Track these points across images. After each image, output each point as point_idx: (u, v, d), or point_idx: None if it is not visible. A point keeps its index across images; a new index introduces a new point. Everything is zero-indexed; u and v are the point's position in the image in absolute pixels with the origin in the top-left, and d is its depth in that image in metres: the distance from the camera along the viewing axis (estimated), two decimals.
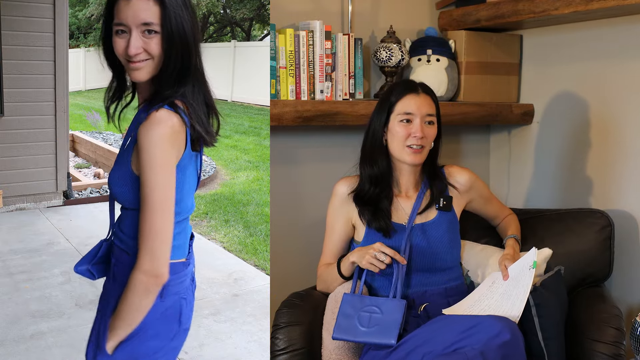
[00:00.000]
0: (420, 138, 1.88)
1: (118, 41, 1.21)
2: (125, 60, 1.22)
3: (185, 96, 1.24)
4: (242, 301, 3.26)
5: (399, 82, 2.01)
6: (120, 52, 1.21)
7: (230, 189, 6.25)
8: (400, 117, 1.90)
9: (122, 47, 1.20)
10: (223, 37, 18.44)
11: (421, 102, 1.90)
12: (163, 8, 1.18)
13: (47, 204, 5.11)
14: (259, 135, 9.52)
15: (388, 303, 1.85)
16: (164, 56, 1.21)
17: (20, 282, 3.43)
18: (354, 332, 1.80)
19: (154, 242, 1.16)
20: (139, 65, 1.21)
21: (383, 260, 1.83)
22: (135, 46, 1.18)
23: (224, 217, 5.12)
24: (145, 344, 1.26)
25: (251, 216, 5.19)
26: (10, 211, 4.90)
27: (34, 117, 4.89)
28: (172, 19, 1.19)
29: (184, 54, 1.22)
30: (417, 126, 1.88)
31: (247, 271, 3.78)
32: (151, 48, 1.20)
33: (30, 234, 4.37)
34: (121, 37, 1.20)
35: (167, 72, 1.22)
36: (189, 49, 1.23)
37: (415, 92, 1.91)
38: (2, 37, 4.64)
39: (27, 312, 3.05)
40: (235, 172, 7.05)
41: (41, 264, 3.75)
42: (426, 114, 1.90)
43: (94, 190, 5.67)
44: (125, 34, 1.20)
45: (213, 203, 5.60)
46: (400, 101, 1.90)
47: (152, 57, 1.21)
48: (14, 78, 4.77)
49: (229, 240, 4.52)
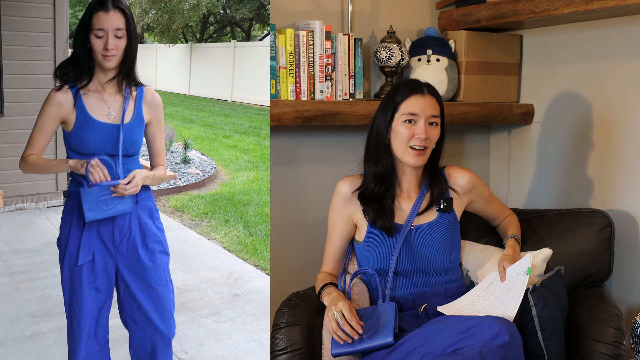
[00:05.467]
0: (423, 139, 1.88)
1: (97, 41, 1.73)
2: (101, 55, 1.74)
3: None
4: (242, 301, 3.26)
5: (404, 81, 2.00)
6: (99, 48, 1.73)
7: (230, 189, 6.25)
8: (405, 117, 1.89)
9: (101, 45, 1.73)
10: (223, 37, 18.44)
11: (426, 103, 1.89)
12: (126, 18, 1.76)
13: (47, 204, 5.11)
14: (259, 135, 9.52)
15: (378, 308, 1.86)
16: (125, 50, 1.77)
17: (20, 282, 3.44)
18: (351, 343, 1.80)
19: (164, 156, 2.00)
20: (111, 57, 1.75)
21: (338, 321, 1.78)
22: (112, 44, 1.73)
23: (224, 217, 5.12)
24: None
25: (251, 216, 5.20)
26: (10, 211, 4.91)
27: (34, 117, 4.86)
28: (131, 24, 1.77)
29: (136, 49, 1.81)
30: (422, 127, 1.87)
31: (247, 271, 3.78)
32: (119, 45, 1.75)
33: (30, 234, 4.38)
34: (100, 38, 1.73)
35: (129, 58, 1.80)
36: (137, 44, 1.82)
37: (421, 93, 1.90)
38: (2, 37, 4.64)
39: (27, 312, 3.05)
40: (235, 172, 7.05)
41: (41, 264, 3.75)
42: (431, 115, 1.89)
43: None
44: (102, 38, 1.72)
45: (213, 203, 5.60)
46: (405, 101, 1.90)
47: (119, 52, 1.76)
48: (14, 78, 4.77)
49: (229, 240, 4.52)
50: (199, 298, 3.28)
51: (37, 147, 1.84)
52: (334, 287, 1.97)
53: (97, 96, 1.81)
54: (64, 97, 1.79)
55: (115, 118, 1.81)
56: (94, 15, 1.71)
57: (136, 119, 1.85)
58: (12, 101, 4.77)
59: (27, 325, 2.90)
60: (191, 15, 14.58)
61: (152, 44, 17.90)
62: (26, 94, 4.84)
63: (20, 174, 2.08)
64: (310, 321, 1.96)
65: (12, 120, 4.79)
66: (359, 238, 2.01)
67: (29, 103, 4.87)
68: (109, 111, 1.81)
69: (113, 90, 1.83)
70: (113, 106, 1.82)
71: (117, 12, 1.73)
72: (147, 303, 1.89)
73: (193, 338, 2.81)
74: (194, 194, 5.96)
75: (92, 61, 1.78)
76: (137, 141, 1.86)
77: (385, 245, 1.94)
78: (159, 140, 1.95)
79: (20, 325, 2.90)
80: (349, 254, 2.09)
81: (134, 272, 1.88)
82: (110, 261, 1.86)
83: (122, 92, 1.83)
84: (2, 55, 4.67)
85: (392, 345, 1.74)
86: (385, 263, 1.94)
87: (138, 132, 1.85)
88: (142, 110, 1.87)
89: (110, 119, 1.81)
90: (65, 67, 1.80)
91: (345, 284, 2.00)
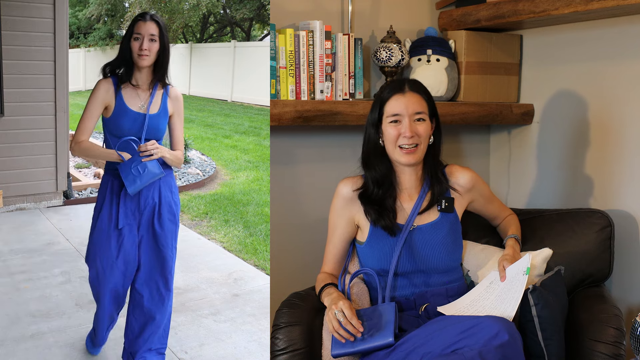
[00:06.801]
0: (410, 137, 1.88)
1: (135, 43, 2.14)
2: (137, 54, 2.14)
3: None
4: (242, 301, 3.26)
5: (390, 82, 2.00)
6: (135, 49, 2.14)
7: (230, 189, 6.25)
8: (390, 118, 1.90)
9: (137, 47, 2.14)
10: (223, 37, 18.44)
11: (407, 101, 1.89)
12: (160, 28, 2.17)
13: (47, 204, 5.11)
14: (259, 135, 9.52)
15: (378, 308, 1.86)
16: (158, 54, 2.18)
17: (20, 282, 3.43)
18: (352, 343, 1.80)
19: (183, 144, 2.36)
20: (145, 57, 2.14)
21: (340, 320, 1.80)
22: (146, 45, 2.13)
23: (224, 217, 5.12)
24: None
25: (251, 216, 5.20)
26: (10, 211, 4.90)
27: (34, 117, 4.89)
28: (164, 34, 2.18)
29: (168, 54, 2.22)
30: (406, 126, 1.88)
31: (247, 271, 3.78)
32: (153, 48, 2.16)
33: (30, 234, 4.37)
34: (136, 41, 2.14)
35: (163, 64, 2.21)
36: (169, 51, 2.22)
37: (401, 92, 1.90)
38: (2, 37, 4.64)
39: (27, 312, 3.04)
40: (235, 172, 7.05)
41: (41, 264, 3.75)
42: (414, 112, 1.89)
43: (94, 190, 5.67)
44: (139, 40, 2.13)
45: (213, 203, 5.60)
46: (388, 103, 1.91)
47: (152, 53, 2.16)
48: (14, 78, 4.76)
49: (229, 240, 4.52)
50: (199, 298, 3.28)
51: (87, 131, 2.19)
52: (334, 287, 1.97)
53: (132, 90, 2.20)
54: (109, 86, 2.18)
55: (146, 109, 2.20)
56: (135, 24, 2.15)
57: (162, 111, 2.24)
58: (12, 101, 4.77)
59: (27, 325, 2.90)
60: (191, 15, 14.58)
61: None
62: (26, 94, 4.83)
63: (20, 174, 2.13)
64: (310, 321, 1.96)
65: (12, 120, 4.79)
66: (361, 239, 2.01)
67: (29, 103, 4.88)
68: (141, 103, 2.20)
69: (146, 86, 2.23)
70: (146, 100, 2.22)
71: (152, 22, 2.16)
72: (153, 257, 2.28)
73: (193, 338, 2.81)
74: (194, 194, 5.96)
75: (132, 61, 2.17)
76: (162, 130, 2.26)
77: (388, 245, 1.94)
78: (178, 130, 2.34)
79: (20, 325, 2.90)
80: (349, 254, 2.09)
81: (148, 233, 2.27)
82: (135, 225, 2.25)
83: (151, 89, 2.23)
84: (2, 55, 4.67)
85: (392, 345, 1.74)
86: (387, 263, 1.94)
87: (163, 122, 2.25)
88: (167, 105, 2.26)
89: (142, 110, 2.20)
90: (111, 65, 2.22)
91: (345, 284, 2.00)
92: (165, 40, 2.18)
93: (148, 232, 2.27)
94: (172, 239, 2.32)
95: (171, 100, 2.29)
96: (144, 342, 2.33)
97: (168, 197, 2.28)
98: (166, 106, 2.26)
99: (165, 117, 2.26)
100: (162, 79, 2.24)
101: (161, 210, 2.26)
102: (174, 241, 2.34)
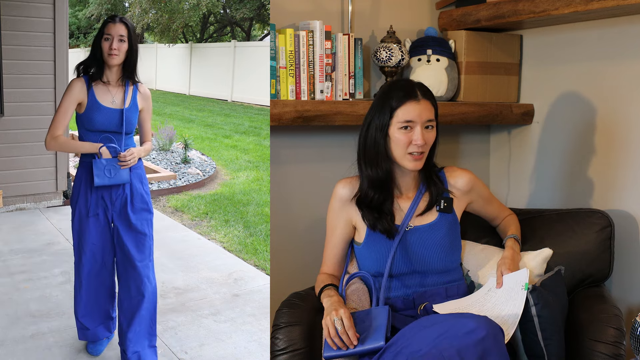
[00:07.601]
0: (421, 145, 1.87)
1: (105, 43, 2.29)
2: (107, 54, 2.29)
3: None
4: (242, 301, 3.26)
5: (396, 83, 1.95)
6: (106, 49, 2.29)
7: (230, 189, 6.25)
8: (401, 124, 1.87)
9: (107, 46, 2.29)
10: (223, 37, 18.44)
11: (422, 108, 1.87)
12: (129, 30, 2.32)
13: (47, 204, 5.11)
14: (259, 135, 9.52)
15: (372, 312, 1.86)
16: (127, 53, 2.34)
17: (20, 282, 3.43)
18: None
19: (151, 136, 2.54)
20: (114, 56, 2.30)
21: (337, 328, 1.79)
22: (115, 45, 2.29)
23: (224, 217, 5.12)
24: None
25: (251, 216, 5.19)
26: (10, 211, 4.90)
27: (34, 117, 4.88)
28: (132, 35, 2.34)
29: (136, 54, 2.38)
30: (419, 134, 1.86)
31: (247, 271, 3.78)
32: (122, 48, 2.31)
33: (30, 234, 4.37)
34: (106, 41, 2.29)
35: (131, 62, 2.37)
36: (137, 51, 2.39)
37: (416, 98, 1.87)
38: (2, 37, 4.64)
39: (27, 312, 3.05)
40: (235, 172, 7.05)
41: (41, 264, 3.75)
42: (426, 119, 1.88)
43: None
44: (109, 40, 2.29)
45: (213, 203, 5.60)
46: (401, 108, 1.87)
47: (121, 53, 2.32)
48: (14, 78, 4.76)
49: (229, 240, 4.52)
50: (199, 298, 3.28)
51: (62, 127, 2.35)
52: (334, 289, 1.97)
53: (104, 87, 2.36)
54: (82, 85, 2.34)
55: (117, 104, 2.37)
56: (105, 26, 2.31)
57: (132, 106, 2.41)
58: (12, 101, 4.77)
59: (27, 325, 2.90)
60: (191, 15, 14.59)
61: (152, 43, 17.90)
62: (26, 94, 4.83)
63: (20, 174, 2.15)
64: (310, 321, 1.96)
65: (12, 120, 4.79)
66: (359, 239, 2.01)
67: (29, 103, 4.87)
68: (112, 99, 2.36)
69: (116, 83, 2.38)
70: (116, 95, 2.38)
71: (121, 24, 2.31)
72: (130, 243, 2.41)
73: (193, 338, 2.81)
74: (194, 194, 5.96)
75: (102, 60, 2.32)
76: (134, 123, 2.43)
77: (385, 246, 1.94)
78: (147, 123, 2.53)
79: (20, 325, 2.90)
80: (348, 255, 2.09)
81: (123, 221, 2.42)
82: (107, 213, 2.42)
83: (123, 85, 2.39)
84: (2, 55, 4.67)
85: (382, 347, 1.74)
86: (384, 264, 1.94)
87: (134, 115, 2.42)
88: (137, 100, 2.44)
89: (113, 105, 2.36)
90: (84, 64, 2.38)
91: (342, 286, 2.00)
92: (133, 41, 2.35)
93: (122, 221, 2.41)
94: (148, 227, 2.47)
95: (141, 96, 2.46)
96: (133, 336, 2.44)
97: (139, 189, 2.44)
98: (136, 102, 2.43)
99: (136, 112, 2.43)
100: (132, 76, 2.40)
101: (133, 201, 2.42)
102: (150, 229, 2.48)
